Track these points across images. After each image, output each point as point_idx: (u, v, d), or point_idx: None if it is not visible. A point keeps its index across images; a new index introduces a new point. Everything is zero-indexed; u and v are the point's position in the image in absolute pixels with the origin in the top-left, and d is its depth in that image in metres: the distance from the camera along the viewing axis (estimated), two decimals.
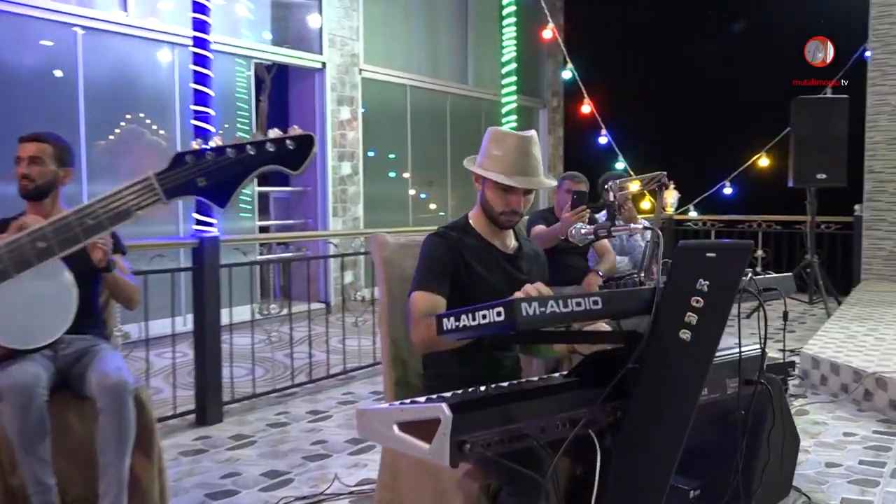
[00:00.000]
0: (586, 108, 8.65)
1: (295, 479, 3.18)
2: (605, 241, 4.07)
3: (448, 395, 1.73)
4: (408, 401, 1.69)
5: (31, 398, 2.22)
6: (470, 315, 1.49)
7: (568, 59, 8.38)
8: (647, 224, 1.75)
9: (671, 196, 8.80)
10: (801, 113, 6.80)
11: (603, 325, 1.90)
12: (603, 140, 8.91)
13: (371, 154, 8.03)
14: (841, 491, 3.05)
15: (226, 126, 6.45)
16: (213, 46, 4.11)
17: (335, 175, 7.39)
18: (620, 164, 8.63)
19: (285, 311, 4.68)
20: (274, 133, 1.16)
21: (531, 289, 1.73)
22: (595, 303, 1.50)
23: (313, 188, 7.38)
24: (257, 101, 7.51)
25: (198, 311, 3.95)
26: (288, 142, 1.14)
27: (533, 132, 2.09)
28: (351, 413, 4.19)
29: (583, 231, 1.90)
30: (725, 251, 1.50)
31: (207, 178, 1.13)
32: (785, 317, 1.72)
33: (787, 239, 8.38)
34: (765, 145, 8.68)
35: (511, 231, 2.22)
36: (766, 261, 8.51)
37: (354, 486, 3.08)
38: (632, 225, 1.74)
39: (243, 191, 5.78)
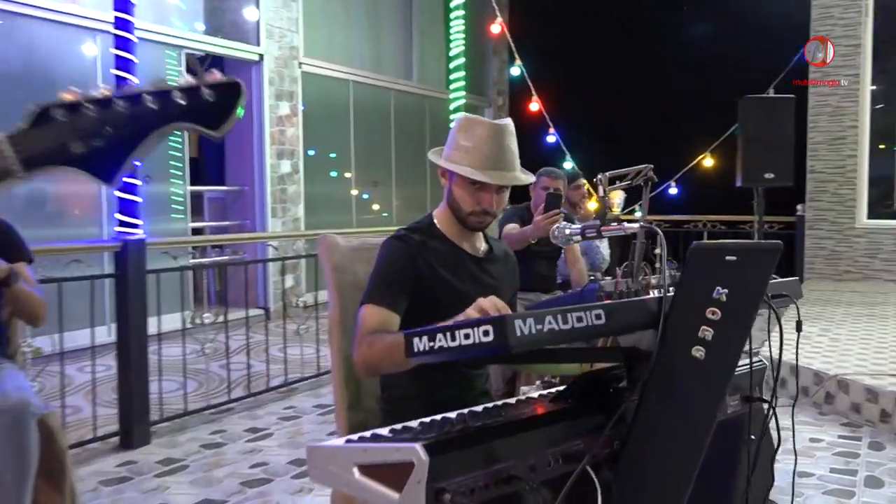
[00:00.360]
0: (534, 105, 8.48)
1: None
2: (577, 246, 3.86)
3: (416, 426, 1.46)
4: (369, 435, 1.42)
5: None
6: (448, 335, 1.22)
7: (517, 56, 8.19)
8: (642, 224, 1.52)
9: (617, 196, 8.67)
10: (748, 112, 6.77)
11: None
12: (551, 139, 8.76)
13: (312, 152, 7.67)
14: (818, 502, 2.91)
15: None
16: (139, 34, 3.74)
17: (274, 174, 7.00)
18: (568, 164, 8.49)
19: (221, 319, 4.31)
20: (186, 80, 0.81)
21: (487, 304, 1.46)
22: (598, 317, 1.25)
23: (250, 188, 6.98)
24: None
25: (121, 320, 3.57)
26: (205, 91, 0.79)
27: (509, 120, 1.84)
28: (294, 430, 3.87)
29: (567, 231, 1.65)
30: (749, 253, 1.28)
31: (86, 141, 0.77)
32: (798, 327, 1.51)
33: (731, 238, 8.40)
34: (710, 145, 8.69)
35: (480, 232, 1.96)
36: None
37: None
38: (626, 224, 1.51)
39: (174, 190, 5.33)
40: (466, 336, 1.19)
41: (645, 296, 1.51)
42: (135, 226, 3.61)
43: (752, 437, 1.57)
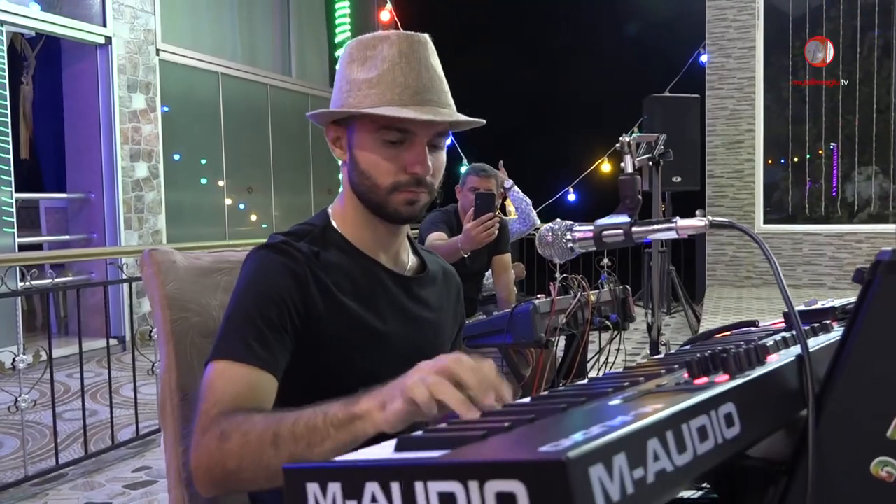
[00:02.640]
0: None
1: None
2: (506, 257, 3.23)
3: None
4: None
5: None
6: (394, 489, 0.50)
7: None
8: (712, 219, 0.87)
9: (512, 204, 8.27)
10: (653, 112, 6.43)
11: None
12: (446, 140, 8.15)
13: (177, 156, 6.65)
14: None
15: None
16: None
17: (127, 178, 5.95)
18: (464, 168, 7.91)
19: (43, 357, 3.34)
20: None
21: (444, 387, 0.74)
22: (728, 420, 0.56)
23: (98, 195, 5.89)
24: (18, 83, 5.90)
25: None
26: None
27: (426, 35, 1.13)
28: (145, 502, 2.97)
29: (575, 237, 0.93)
30: None
31: None
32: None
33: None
34: (608, 150, 8.39)
35: (406, 238, 1.24)
36: (612, 268, 8.20)
37: None
38: (678, 221, 0.85)
39: (2, 199, 4.08)
40: (447, 500, 0.47)
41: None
42: None
43: None
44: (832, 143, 8.11)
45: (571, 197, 8.71)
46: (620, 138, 0.93)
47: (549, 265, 6.57)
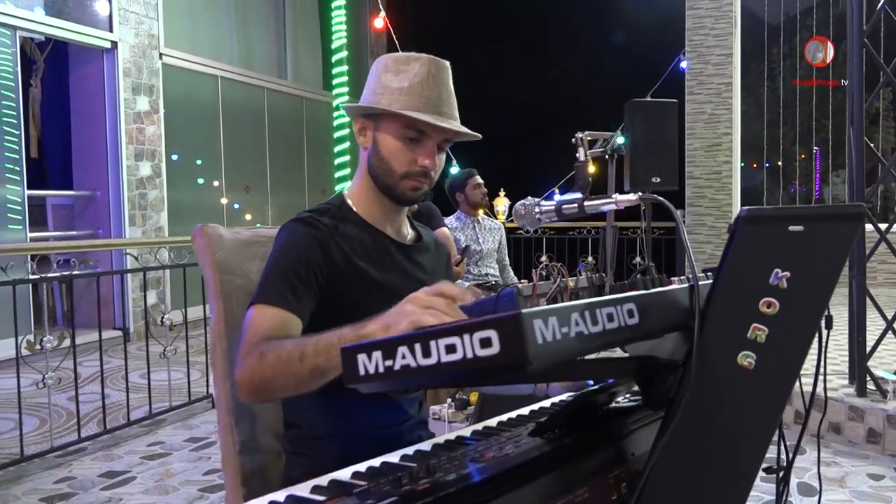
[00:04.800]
0: None
1: None
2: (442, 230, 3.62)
3: (348, 477, 1.02)
4: (282, 499, 0.96)
5: None
6: (416, 347, 0.79)
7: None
8: (642, 195, 1.15)
9: (502, 203, 8.58)
10: (634, 116, 6.74)
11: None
12: None
13: (175, 156, 6.91)
14: None
15: None
16: None
17: (132, 177, 6.22)
18: (454, 169, 8.21)
19: (67, 343, 3.61)
20: None
21: (432, 297, 1.03)
22: (630, 314, 0.86)
23: (104, 193, 6.15)
24: (27, 85, 6.15)
25: None
26: None
27: (447, 62, 1.44)
28: (161, 470, 3.25)
29: (542, 209, 1.25)
30: (823, 221, 0.94)
31: None
32: (829, 323, 1.19)
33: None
34: (574, 136, 8.71)
35: (405, 216, 1.54)
36: (595, 265, 8.52)
37: None
38: (617, 196, 1.14)
39: (8, 196, 4.42)
40: (450, 349, 0.77)
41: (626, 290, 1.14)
42: None
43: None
44: (815, 147, 8.46)
45: (557, 197, 9.02)
46: (576, 135, 1.23)
47: (535, 258, 6.89)
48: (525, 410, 1.41)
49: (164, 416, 4.04)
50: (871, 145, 3.83)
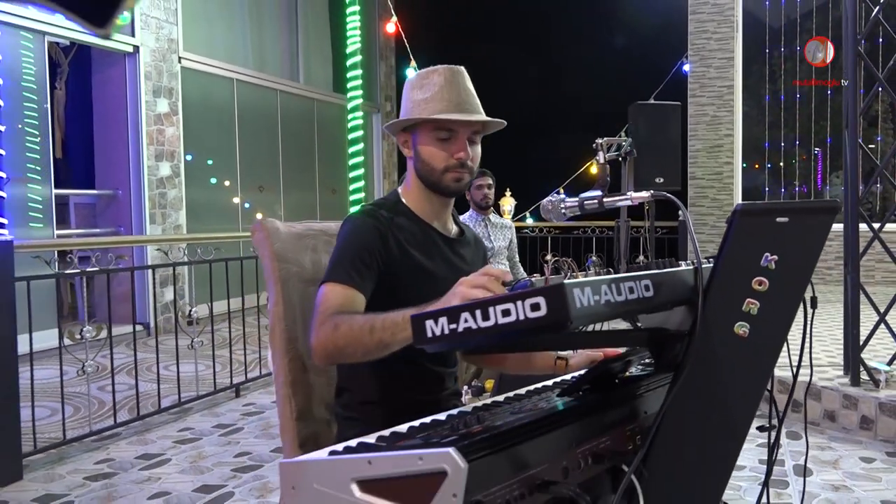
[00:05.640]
0: None
1: None
2: None
3: (405, 431, 1.22)
4: (355, 444, 1.16)
5: None
6: (477, 313, 1.00)
7: (412, 57, 8.00)
8: (653, 192, 1.35)
9: (508, 203, 8.77)
10: (638, 118, 6.94)
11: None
12: None
13: (193, 154, 7.12)
14: (756, 494, 2.89)
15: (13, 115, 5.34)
16: None
17: (152, 177, 6.42)
18: None
19: (104, 334, 3.81)
20: None
21: (485, 279, 1.21)
22: (646, 288, 1.07)
23: (125, 192, 6.36)
24: (52, 88, 6.36)
25: None
26: None
27: (462, 67, 1.66)
28: (194, 453, 3.45)
29: (566, 205, 1.45)
30: (804, 213, 1.14)
31: None
32: (813, 304, 1.39)
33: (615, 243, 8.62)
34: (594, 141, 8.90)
35: (450, 213, 1.74)
36: (601, 262, 8.73)
37: None
38: (631, 193, 1.33)
39: (32, 195, 4.61)
40: (506, 313, 0.97)
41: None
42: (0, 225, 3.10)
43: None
44: (816, 149, 8.64)
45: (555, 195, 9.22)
46: (596, 140, 1.44)
47: (540, 256, 7.10)
48: (549, 382, 1.62)
49: (191, 405, 4.24)
50: (871, 146, 4.02)
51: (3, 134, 5.17)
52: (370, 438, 1.22)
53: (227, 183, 7.66)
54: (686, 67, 8.44)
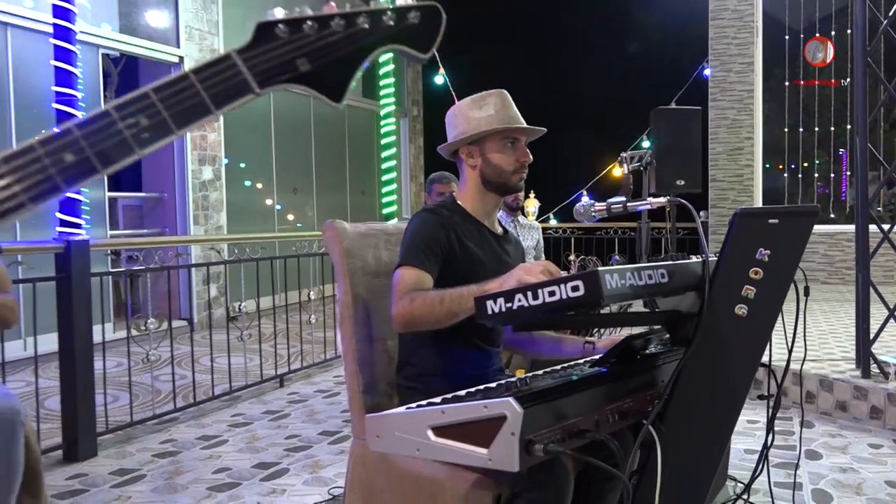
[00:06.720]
0: None
1: None
2: None
3: (464, 394, 1.50)
4: (425, 402, 1.44)
5: None
6: (529, 294, 1.28)
7: (440, 65, 8.31)
8: (670, 197, 1.61)
9: (532, 204, 9.01)
10: (660, 123, 7.16)
11: None
12: None
13: (231, 158, 7.47)
14: (766, 474, 3.13)
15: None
16: (46, 28, 3.56)
17: (196, 180, 6.78)
18: None
19: (164, 326, 4.14)
20: (387, 2, 0.77)
21: (539, 268, 1.52)
22: (662, 276, 1.34)
23: (170, 194, 6.72)
24: (104, 97, 6.72)
25: (65, 328, 3.37)
26: (411, 13, 0.77)
27: (506, 91, 1.96)
28: (248, 435, 3.76)
29: (596, 208, 1.73)
30: (791, 216, 1.40)
31: (311, 59, 0.75)
32: (806, 292, 1.65)
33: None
34: (618, 155, 9.13)
35: (497, 214, 2.04)
36: (624, 261, 8.95)
37: None
38: (650, 199, 1.60)
39: (86, 199, 4.90)
40: (552, 293, 1.25)
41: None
42: (77, 226, 3.43)
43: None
44: (841, 150, 8.77)
45: (585, 199, 9.45)
46: (621, 154, 1.71)
47: (563, 255, 7.36)
48: (580, 360, 1.89)
49: (241, 393, 4.56)
50: (881, 151, 4.22)
51: None
52: (436, 399, 1.50)
53: (265, 186, 8.01)
54: (707, 72, 8.63)
